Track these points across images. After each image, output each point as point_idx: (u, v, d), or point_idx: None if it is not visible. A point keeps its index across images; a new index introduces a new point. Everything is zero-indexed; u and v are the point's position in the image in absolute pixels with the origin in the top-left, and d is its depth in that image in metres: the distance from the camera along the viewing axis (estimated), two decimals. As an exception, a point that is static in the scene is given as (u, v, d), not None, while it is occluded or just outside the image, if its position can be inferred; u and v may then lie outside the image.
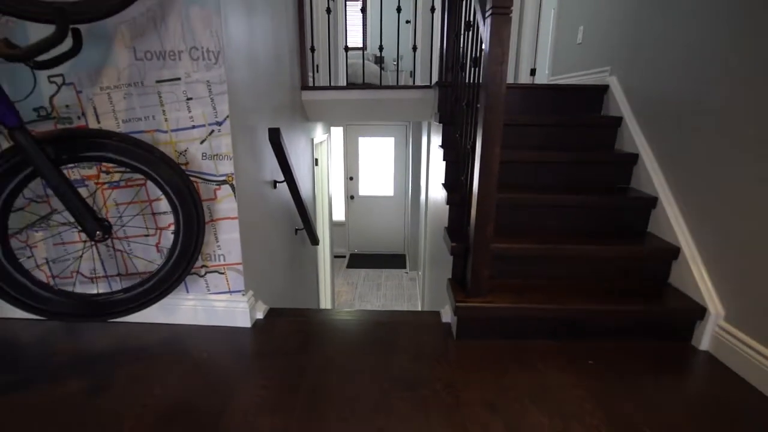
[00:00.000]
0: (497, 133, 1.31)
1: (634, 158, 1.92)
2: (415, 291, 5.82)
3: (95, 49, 1.35)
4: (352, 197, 6.85)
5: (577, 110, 2.30)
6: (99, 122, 1.44)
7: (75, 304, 1.32)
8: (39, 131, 1.25)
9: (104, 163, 1.47)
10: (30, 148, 1.07)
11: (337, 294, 5.67)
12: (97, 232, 1.20)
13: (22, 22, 1.33)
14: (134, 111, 1.42)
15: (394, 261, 6.67)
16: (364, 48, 4.46)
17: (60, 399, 1.19)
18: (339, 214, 6.79)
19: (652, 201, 1.77)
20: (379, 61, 5.86)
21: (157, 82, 1.39)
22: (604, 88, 2.25)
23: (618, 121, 2.08)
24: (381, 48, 2.93)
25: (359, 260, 6.72)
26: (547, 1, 3.43)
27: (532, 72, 3.72)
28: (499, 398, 1.22)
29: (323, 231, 3.89)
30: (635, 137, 1.94)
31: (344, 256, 6.85)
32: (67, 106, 1.43)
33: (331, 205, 4.45)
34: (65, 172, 1.40)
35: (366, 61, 5.37)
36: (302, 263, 2.89)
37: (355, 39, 6.59)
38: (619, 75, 2.17)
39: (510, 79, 4.11)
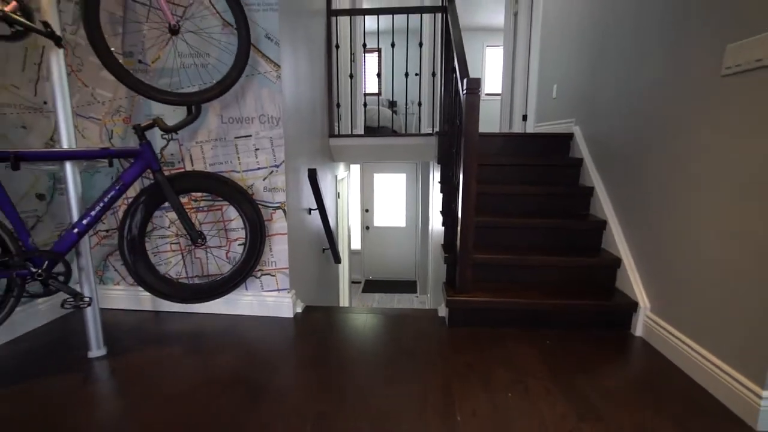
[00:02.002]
0: (473, 171, 1.86)
1: (590, 191, 2.45)
2: (426, 315, 6.23)
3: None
4: (367, 228, 7.42)
5: (551, 153, 2.86)
6: (192, 165, 2.04)
7: (192, 290, 1.88)
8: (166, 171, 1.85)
9: (193, 193, 2.06)
10: (164, 183, 1.66)
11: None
12: (198, 240, 1.76)
13: (147, 101, 1.97)
14: (218, 157, 2.03)
15: (406, 286, 7.13)
16: (379, 94, 5.11)
17: (167, 355, 1.72)
18: (355, 243, 7.35)
19: (603, 224, 2.28)
20: (392, 105, 6.57)
21: (235, 137, 2.00)
22: (570, 135, 2.81)
23: (580, 161, 2.62)
24: (394, 102, 3.56)
25: (374, 285, 7.21)
26: (534, 59, 4.06)
27: (524, 117, 4.31)
28: (476, 362, 1.70)
29: (343, 256, 4.43)
30: (592, 174, 2.47)
31: (360, 282, 7.35)
32: (171, 154, 2.04)
33: (350, 234, 5.00)
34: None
35: (381, 107, 6.07)
36: (327, 278, 3.41)
37: (371, 85, 7.38)
38: (581, 125, 2.73)
39: (506, 123, 4.73)
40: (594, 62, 2.55)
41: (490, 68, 7.63)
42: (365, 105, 3.48)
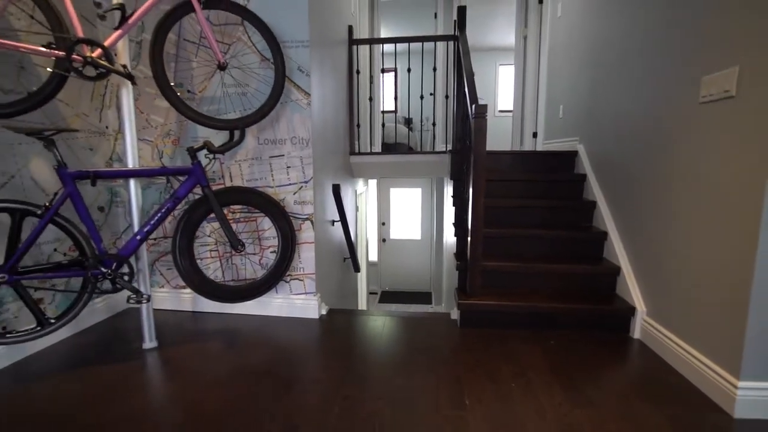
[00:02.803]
0: (481, 187, 2.08)
1: (593, 205, 2.63)
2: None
3: (236, 138, 2.25)
4: (384, 240, 7.65)
5: (557, 169, 3.05)
6: (231, 181, 2.31)
7: (231, 291, 2.12)
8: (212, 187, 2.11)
9: (233, 206, 2.32)
10: (212, 197, 1.92)
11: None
12: (238, 247, 2.01)
13: (194, 125, 2.25)
14: (254, 174, 2.29)
15: (421, 297, 7.29)
16: (395, 111, 5.38)
17: (208, 349, 1.96)
18: (372, 255, 7.57)
19: (604, 235, 2.45)
20: (408, 122, 6.84)
21: (270, 156, 2.26)
22: (575, 153, 3.00)
23: (583, 177, 2.81)
24: (410, 120, 3.81)
25: (390, 296, 7.39)
26: (542, 80, 4.28)
27: (534, 135, 4.51)
28: (484, 358, 1.89)
29: (361, 267, 4.65)
30: (594, 189, 2.66)
31: (377, 293, 7.55)
32: (213, 171, 2.31)
33: (368, 246, 5.23)
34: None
35: (397, 124, 6.35)
36: (348, 286, 3.63)
37: (388, 102, 7.68)
38: (584, 143, 2.93)
39: (517, 140, 4.93)
40: (595, 86, 2.76)
41: (503, 86, 7.87)
42: (383, 125, 3.74)
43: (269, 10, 2.12)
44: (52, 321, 1.73)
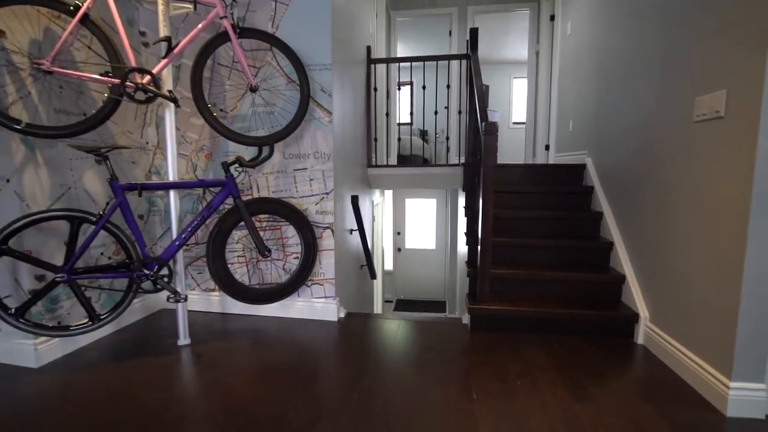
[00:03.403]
0: (490, 199, 2.22)
1: (600, 215, 2.74)
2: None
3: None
4: (399, 249, 7.79)
5: (566, 181, 3.17)
6: (258, 192, 2.51)
7: (257, 293, 2.31)
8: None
9: (260, 215, 2.51)
10: (242, 207, 2.11)
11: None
12: (265, 252, 2.19)
13: (226, 141, 2.46)
14: (279, 186, 2.48)
15: (435, 306, 7.39)
16: (411, 124, 5.54)
17: (237, 346, 2.14)
18: (388, 264, 7.72)
19: (610, 245, 2.56)
20: (423, 134, 7.01)
21: (294, 170, 2.45)
22: (583, 166, 3.12)
23: (591, 189, 2.92)
24: (425, 132, 3.98)
25: (405, 305, 7.50)
26: (553, 95, 4.41)
27: (546, 147, 4.63)
28: (492, 358, 2.02)
29: (377, 275, 4.80)
30: (601, 201, 2.77)
31: (392, 301, 7.67)
32: (242, 183, 2.52)
33: (383, 255, 5.38)
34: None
35: (413, 137, 6.52)
36: (364, 293, 3.79)
37: (404, 113, 7.89)
38: (592, 156, 3.04)
39: (530, 152, 5.05)
40: (602, 102, 2.89)
41: (517, 98, 8.00)
42: (399, 139, 3.92)
43: (296, 36, 2.33)
44: (102, 317, 1.93)
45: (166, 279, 2.01)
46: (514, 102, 8.06)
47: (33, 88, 1.80)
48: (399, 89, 4.00)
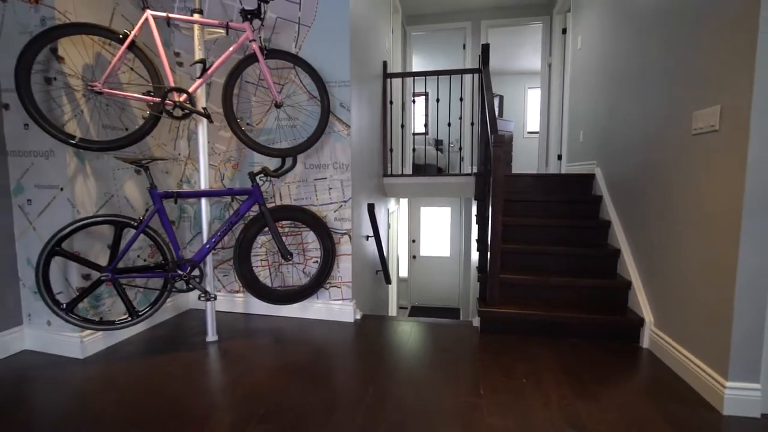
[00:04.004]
0: (499, 208, 2.34)
1: (608, 224, 2.82)
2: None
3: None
4: (414, 257, 7.91)
5: (576, 191, 3.26)
6: (281, 200, 2.68)
7: (279, 295, 2.47)
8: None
9: (282, 221, 2.68)
10: (267, 214, 2.28)
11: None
12: (288, 256, 2.36)
13: (251, 152, 2.65)
14: (300, 194, 2.65)
15: (449, 313, 7.46)
16: (425, 134, 5.70)
17: (260, 344, 2.29)
18: (403, 271, 7.84)
19: (617, 252, 2.64)
20: (438, 143, 7.15)
21: (314, 179, 2.62)
22: (592, 176, 3.21)
23: (600, 198, 3.01)
24: (440, 141, 4.12)
25: (419, 311, 7.60)
26: (565, 105, 4.51)
27: (559, 157, 4.71)
28: (500, 358, 2.13)
29: (393, 281, 4.93)
30: (609, 210, 2.85)
31: (407, 308, 7.78)
32: (266, 191, 2.70)
33: (398, 263, 5.51)
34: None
35: (427, 146, 6.68)
36: (379, 298, 3.92)
37: (419, 123, 8.06)
38: (601, 166, 3.14)
39: (543, 161, 5.14)
40: (610, 114, 2.98)
41: (532, 108, 8.09)
42: (414, 150, 4.07)
43: (317, 56, 2.51)
44: (141, 312, 2.12)
45: (197, 279, 2.18)
46: (528, 112, 8.15)
47: (85, 107, 2.02)
48: (414, 102, 4.15)
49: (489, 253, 2.43)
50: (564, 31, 4.64)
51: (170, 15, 2.04)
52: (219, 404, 1.68)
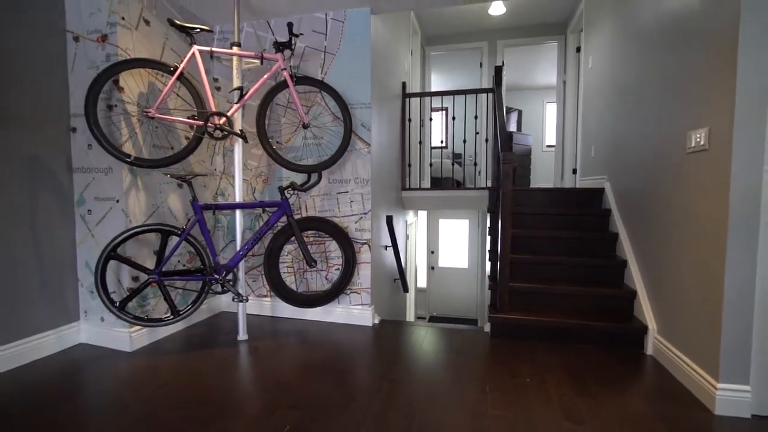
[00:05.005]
0: (508, 220, 2.51)
1: (616, 236, 2.94)
2: (486, 353, 6.58)
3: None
4: (432, 268, 8.05)
5: (586, 204, 3.39)
6: (307, 211, 2.92)
7: (304, 299, 2.69)
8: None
9: (307, 231, 2.92)
10: (294, 225, 2.51)
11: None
12: (312, 263, 2.58)
13: (280, 168, 2.90)
14: (324, 206, 2.89)
15: (467, 324, 7.53)
16: (444, 146, 5.86)
17: (286, 344, 2.51)
18: (421, 282, 7.98)
19: (624, 263, 2.76)
20: (456, 157, 7.31)
21: (337, 193, 2.85)
22: (602, 190, 3.34)
23: (609, 212, 3.13)
24: (458, 155, 4.30)
25: (438, 321, 7.68)
26: (579, 121, 4.63)
27: (574, 171, 4.83)
28: (509, 362, 2.28)
29: (410, 292, 5.09)
30: (617, 222, 2.97)
31: (425, 317, 7.90)
32: (293, 204, 2.94)
33: (417, 273, 5.67)
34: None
35: (444, 160, 6.87)
36: (397, 305, 4.10)
37: (436, 137, 8.27)
38: (610, 181, 3.26)
39: (558, 175, 5.25)
40: (618, 130, 3.12)
41: (550, 122, 8.19)
42: (431, 165, 4.27)
43: (341, 81, 2.76)
44: (182, 312, 2.37)
45: (231, 283, 2.43)
46: (547, 126, 8.25)
47: (139, 129, 2.31)
48: (431, 120, 4.37)
49: (499, 263, 2.59)
50: (578, 49, 4.80)
51: (213, 49, 2.32)
52: (251, 393, 1.90)
